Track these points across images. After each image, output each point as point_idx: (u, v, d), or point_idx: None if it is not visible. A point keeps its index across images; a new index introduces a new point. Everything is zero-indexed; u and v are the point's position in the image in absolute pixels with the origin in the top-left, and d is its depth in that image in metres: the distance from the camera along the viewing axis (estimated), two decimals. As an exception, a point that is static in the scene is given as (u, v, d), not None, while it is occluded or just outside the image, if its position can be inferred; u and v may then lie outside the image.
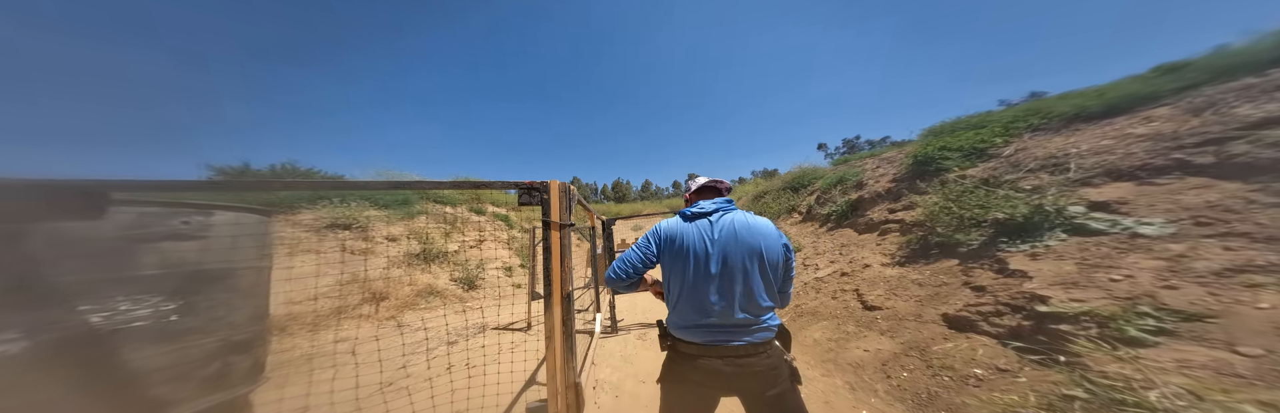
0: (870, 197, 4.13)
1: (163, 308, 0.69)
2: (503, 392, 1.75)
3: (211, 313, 0.77)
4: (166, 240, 0.72)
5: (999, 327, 1.68)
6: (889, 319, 2.20)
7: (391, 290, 3.52)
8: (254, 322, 0.86)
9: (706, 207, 0.81)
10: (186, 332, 0.73)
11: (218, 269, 0.79)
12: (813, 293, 3.05)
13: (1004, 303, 1.75)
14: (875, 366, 1.84)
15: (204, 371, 0.75)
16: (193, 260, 0.75)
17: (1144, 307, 1.36)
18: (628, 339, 2.77)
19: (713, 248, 0.73)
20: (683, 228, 0.78)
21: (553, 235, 1.01)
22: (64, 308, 0.59)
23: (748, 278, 0.72)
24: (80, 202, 0.58)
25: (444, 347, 2.65)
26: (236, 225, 0.83)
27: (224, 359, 0.78)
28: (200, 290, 0.76)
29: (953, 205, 2.70)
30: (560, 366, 0.92)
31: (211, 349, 0.76)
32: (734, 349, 0.68)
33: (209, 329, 0.76)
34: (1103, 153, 2.45)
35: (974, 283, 2.05)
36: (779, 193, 6.58)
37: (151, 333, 0.68)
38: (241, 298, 0.83)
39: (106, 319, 0.63)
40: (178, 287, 0.73)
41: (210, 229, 0.79)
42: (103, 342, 0.62)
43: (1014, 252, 2.05)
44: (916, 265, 2.62)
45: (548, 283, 0.97)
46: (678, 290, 0.76)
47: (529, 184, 1.01)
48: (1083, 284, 1.61)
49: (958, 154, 3.45)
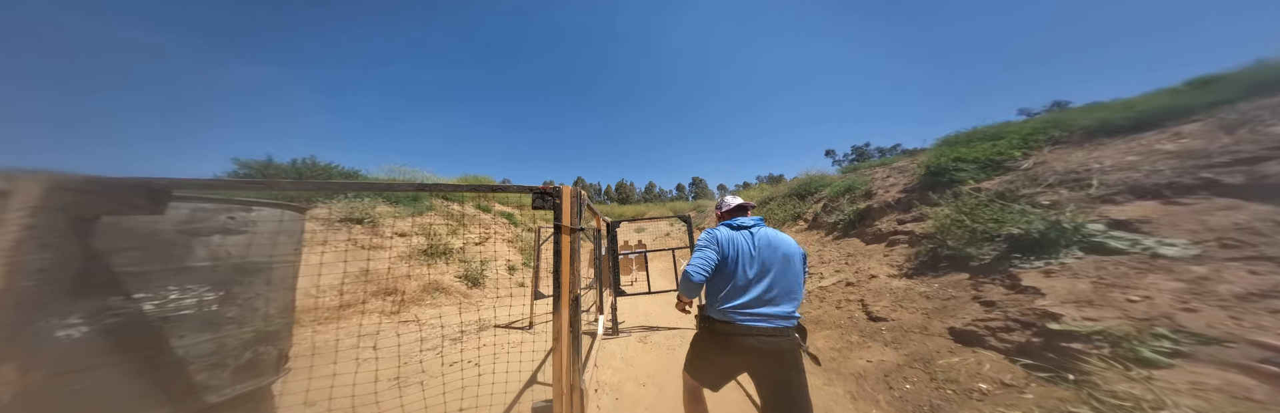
0: (879, 206, 4.09)
1: (206, 298, 0.76)
2: (505, 390, 1.79)
3: (249, 304, 0.84)
4: (215, 234, 0.79)
5: (1007, 342, 1.66)
6: (894, 331, 2.19)
7: (399, 286, 3.61)
8: (283, 314, 0.93)
9: (747, 222, 1.05)
10: (226, 321, 0.79)
11: (256, 263, 0.86)
12: (817, 302, 3.05)
13: (1014, 319, 1.74)
14: (877, 376, 1.84)
15: (238, 359, 0.81)
16: (235, 254, 0.82)
17: (1161, 328, 1.34)
18: (629, 342, 2.80)
19: (757, 254, 0.97)
20: (734, 236, 1.01)
21: (563, 239, 1.04)
22: (122, 296, 0.66)
23: (783, 278, 0.95)
24: (146, 198, 0.68)
25: (448, 343, 2.71)
26: (274, 221, 0.91)
27: (256, 349, 0.84)
28: (240, 282, 0.83)
29: (965, 218, 2.67)
30: (567, 367, 0.95)
31: (246, 339, 0.83)
32: (765, 330, 0.88)
33: (245, 320, 0.83)
34: (1127, 169, 2.40)
35: (984, 298, 2.03)
36: (785, 199, 6.53)
37: (196, 322, 0.75)
38: (275, 291, 0.91)
39: (158, 307, 0.70)
40: (221, 278, 0.79)
41: (252, 224, 0.86)
42: (154, 328, 0.69)
43: (1027, 268, 2.03)
44: (924, 278, 2.59)
45: (557, 286, 1.00)
46: (727, 285, 0.95)
47: (542, 189, 1.04)
48: (1098, 303, 1.58)
49: (973, 166, 3.40)
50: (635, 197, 49.54)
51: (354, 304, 3.17)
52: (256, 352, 0.85)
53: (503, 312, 3.57)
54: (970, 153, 3.53)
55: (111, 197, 0.63)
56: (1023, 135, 3.42)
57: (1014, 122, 4.14)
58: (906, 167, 4.86)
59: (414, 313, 3.39)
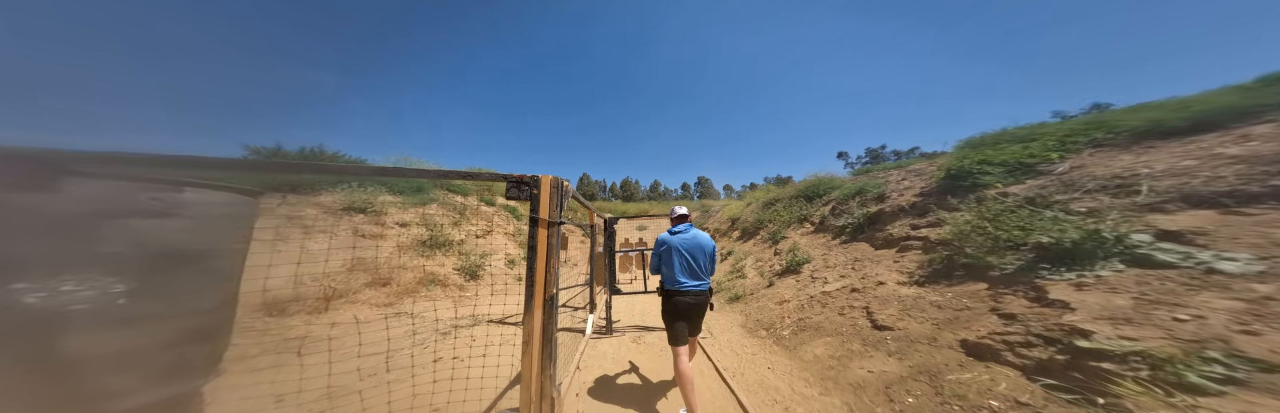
0: (892, 210, 3.87)
1: (112, 290, 0.64)
2: (487, 386, 1.74)
3: (171, 298, 0.72)
4: (132, 217, 0.67)
5: (1026, 359, 1.53)
6: (899, 340, 2.07)
7: (395, 276, 3.63)
8: (221, 309, 0.82)
9: (679, 228, 1.76)
10: (137, 318, 0.67)
11: (187, 250, 0.75)
12: (818, 307, 2.92)
13: (1037, 334, 1.59)
14: (878, 388, 1.74)
15: (154, 360, 0.69)
16: (158, 240, 0.70)
17: (1213, 352, 1.18)
18: (621, 341, 2.76)
19: (683, 248, 1.66)
20: (671, 238, 1.72)
21: (539, 233, 0.96)
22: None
23: (698, 262, 1.66)
24: (23, 173, 0.57)
25: (438, 337, 2.70)
26: (214, 205, 0.80)
27: (180, 349, 0.73)
28: (161, 273, 0.71)
29: (988, 225, 2.47)
30: (536, 375, 0.88)
31: (167, 338, 0.71)
32: (691, 292, 1.62)
33: (165, 315, 0.71)
34: (1181, 175, 2.15)
35: (1003, 310, 1.87)
36: (791, 201, 6.29)
37: (97, 317, 0.63)
38: (210, 283, 0.80)
39: (43, 301, 0.58)
40: (134, 268, 0.67)
41: (183, 207, 0.74)
42: (36, 325, 0.58)
43: (1056, 280, 1.85)
44: (937, 286, 2.43)
45: (530, 284, 0.93)
46: (669, 268, 1.67)
47: (518, 178, 0.96)
48: (1137, 321, 1.42)
49: (1000, 169, 3.13)
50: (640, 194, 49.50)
51: (346, 294, 3.20)
52: (180, 352, 0.74)
53: (498, 307, 3.56)
54: (997, 155, 3.26)
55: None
56: (1059, 137, 3.14)
57: (1049, 123, 3.82)
58: (924, 169, 4.60)
59: (408, 305, 3.40)
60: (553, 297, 0.96)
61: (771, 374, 2.14)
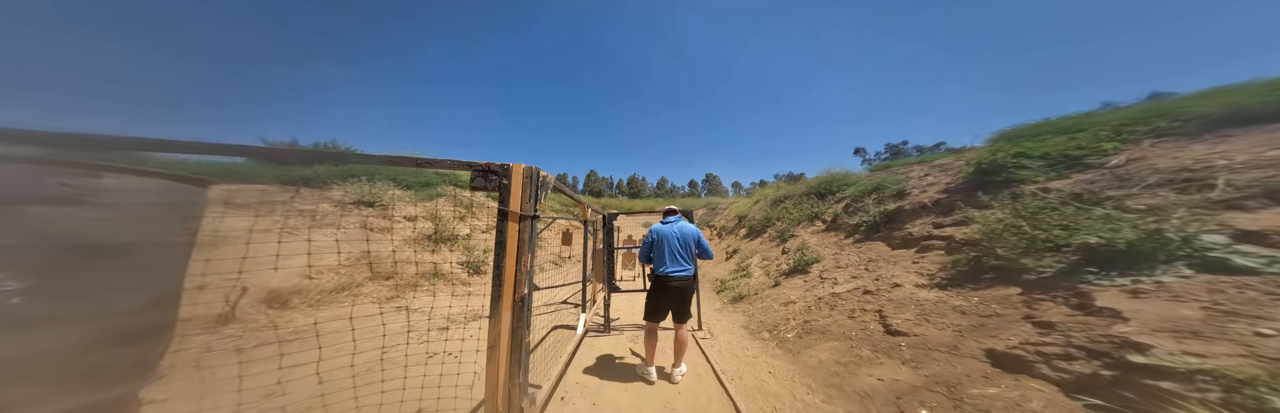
0: (912, 208, 3.60)
1: (5, 287, 0.56)
2: (473, 385, 1.70)
3: (85, 297, 0.65)
4: (34, 204, 0.60)
5: (1065, 373, 1.35)
6: (915, 348, 1.91)
7: (399, 270, 3.67)
8: (153, 309, 0.74)
9: (670, 220, 2.05)
10: (39, 319, 0.60)
11: (106, 244, 0.67)
12: (826, 309, 2.76)
13: (1080, 346, 1.41)
14: (888, 397, 1.60)
15: (63, 367, 0.61)
16: (68, 231, 0.63)
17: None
18: (619, 340, 2.69)
19: (671, 237, 1.95)
20: (663, 229, 2.00)
21: (509, 227, 0.86)
22: None
23: (685, 250, 1.95)
24: None
25: (434, 333, 2.71)
26: (145, 193, 0.72)
27: (100, 353, 0.65)
28: (73, 268, 0.63)
29: (1023, 224, 2.23)
30: (503, 383, 0.80)
31: (81, 341, 0.63)
32: (676, 277, 1.89)
33: (77, 317, 0.63)
34: (1267, 167, 1.86)
35: (1039, 318, 1.68)
36: (802, 198, 6.02)
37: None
38: (139, 280, 0.72)
39: None
40: (37, 262, 0.60)
41: (101, 194, 0.66)
42: None
43: (1106, 285, 1.64)
44: (961, 290, 2.23)
45: (497, 284, 0.84)
46: (658, 256, 1.94)
47: (485, 166, 0.85)
48: (1208, 335, 1.22)
49: (1040, 163, 2.82)
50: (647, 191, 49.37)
51: (350, 287, 3.26)
52: (100, 357, 0.65)
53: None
54: (1038, 147, 2.94)
55: None
56: (1114, 127, 2.80)
57: (1097, 112, 3.43)
58: (950, 164, 4.27)
59: (409, 299, 3.43)
60: (524, 298, 0.87)
61: (772, 379, 2.03)
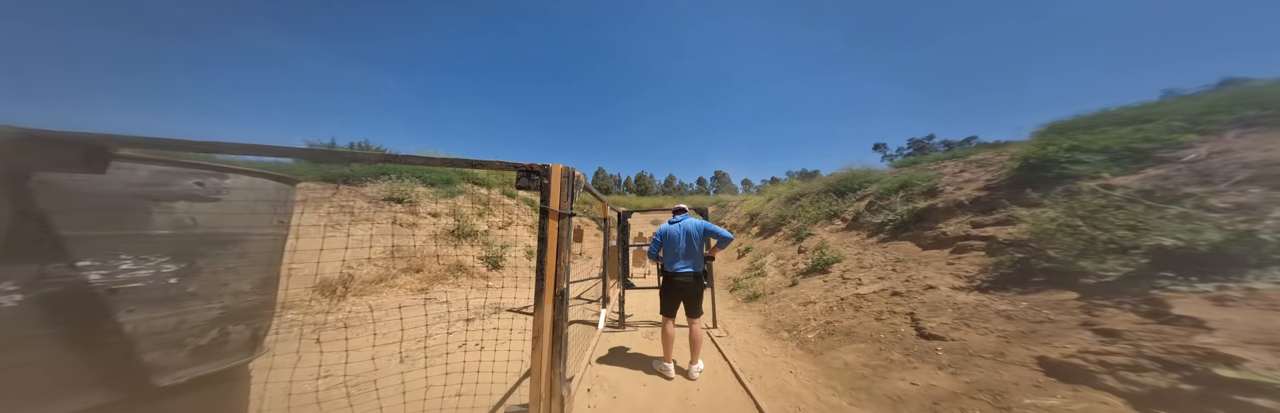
0: (946, 206, 3.39)
1: (164, 270, 0.69)
2: (506, 369, 1.82)
3: (216, 279, 0.78)
4: (179, 201, 0.73)
5: (1134, 385, 1.25)
6: (953, 353, 1.82)
7: (426, 264, 3.90)
8: (260, 291, 0.87)
9: (677, 218, 2.12)
10: (187, 296, 0.73)
11: (228, 234, 0.80)
12: (850, 310, 2.67)
13: (1152, 357, 1.29)
14: (923, 403, 1.54)
15: (200, 338, 0.75)
16: (203, 223, 0.76)
17: None
18: (634, 336, 2.73)
19: (678, 236, 2.02)
20: (671, 227, 2.08)
21: (550, 225, 0.89)
22: (63, 263, 0.61)
23: (692, 247, 2.01)
24: (80, 156, 0.61)
25: (462, 324, 2.85)
26: (254, 190, 0.85)
27: (223, 328, 0.78)
28: (207, 255, 0.76)
29: (1081, 223, 2.06)
30: (546, 371, 0.84)
31: (211, 317, 0.77)
32: (682, 274, 1.98)
33: (211, 296, 0.77)
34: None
35: (1100, 325, 1.56)
36: (819, 196, 5.81)
37: (151, 295, 0.69)
38: (251, 266, 0.84)
39: (105, 278, 0.64)
40: (184, 249, 0.73)
41: (225, 192, 0.79)
42: (99, 300, 0.64)
43: (1185, 291, 1.49)
44: (1006, 294, 2.09)
45: (540, 278, 0.88)
46: (668, 253, 2.04)
47: (529, 166, 0.89)
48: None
49: (1099, 157, 2.57)
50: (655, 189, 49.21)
51: (386, 279, 3.50)
52: (224, 331, 0.80)
53: (519, 295, 3.71)
54: (1097, 140, 2.67)
55: (40, 152, 0.58)
56: (1190, 116, 2.51)
57: (1166, 101, 3.07)
58: (989, 160, 3.96)
59: (437, 291, 3.65)
60: (563, 291, 0.91)
61: (793, 380, 2.00)
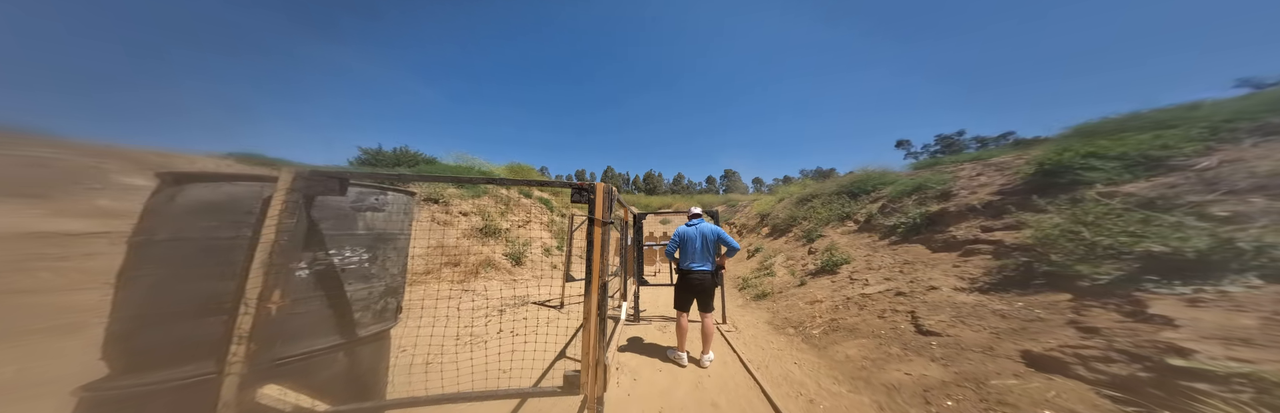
0: (958, 210, 3.48)
1: (362, 257, 1.10)
2: (541, 357, 2.16)
3: (383, 265, 1.17)
4: (367, 211, 1.13)
5: (1100, 373, 1.42)
6: (947, 347, 2.00)
7: (463, 259, 4.37)
8: (401, 274, 1.27)
9: (694, 222, 2.34)
10: (371, 276, 1.12)
11: (388, 233, 1.20)
12: (855, 309, 2.86)
13: (1121, 350, 1.46)
14: (914, 390, 1.74)
15: (375, 305, 1.14)
16: (377, 226, 1.15)
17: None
18: (649, 329, 3.01)
19: (695, 238, 2.24)
20: (688, 230, 2.30)
21: (595, 231, 1.19)
22: (322, 251, 1.01)
23: (706, 248, 2.24)
24: (337, 184, 1.01)
25: (496, 314, 3.25)
26: (398, 202, 1.24)
27: (385, 299, 1.18)
28: (379, 248, 1.15)
29: (1084, 229, 2.16)
30: (593, 344, 1.13)
31: (380, 290, 1.16)
32: (696, 272, 2.21)
33: (381, 276, 1.16)
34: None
35: (1084, 323, 1.71)
36: (831, 197, 5.89)
37: (356, 274, 1.08)
38: (398, 256, 1.24)
39: (340, 261, 1.05)
40: (370, 243, 1.13)
41: (386, 204, 1.19)
42: (336, 276, 1.03)
43: (1164, 293, 1.63)
44: (1005, 295, 2.24)
45: (589, 272, 1.17)
46: (685, 254, 2.27)
47: (580, 185, 1.19)
48: (1258, 343, 1.24)
49: (1114, 163, 2.60)
50: (663, 187, 49.19)
51: (432, 271, 3.99)
52: (385, 302, 1.20)
53: (539, 290, 4.09)
54: (1114, 146, 2.68)
55: (318, 182, 0.97)
56: (1214, 122, 2.50)
57: (1205, 101, 2.95)
58: (1008, 163, 3.98)
59: (473, 284, 4.10)
60: (605, 284, 1.21)
61: (798, 370, 2.22)
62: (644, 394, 1.86)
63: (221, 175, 0.94)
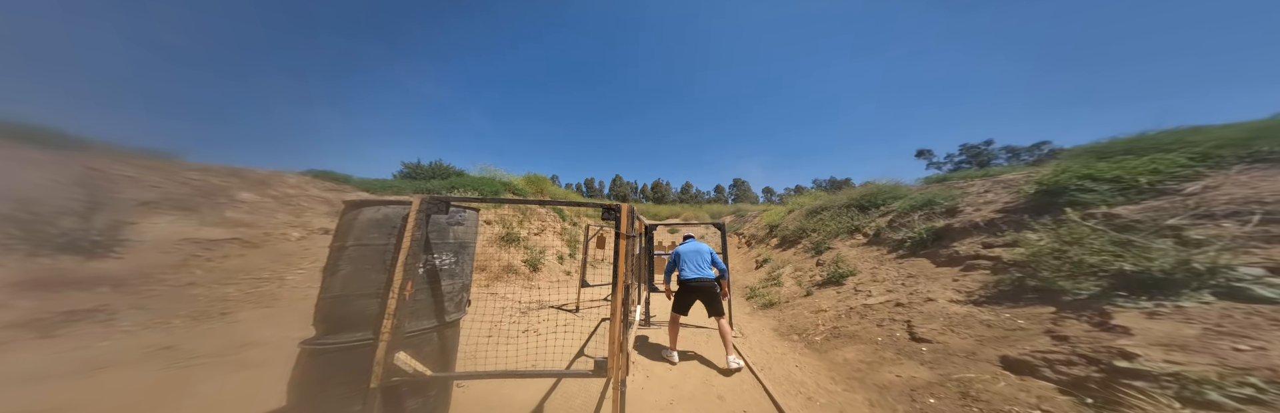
0: (963, 226, 3.67)
1: (448, 260, 1.49)
2: (563, 354, 2.54)
3: (460, 267, 1.55)
4: (454, 225, 1.54)
5: (1063, 375, 1.64)
6: (936, 353, 2.22)
7: (488, 264, 4.87)
8: (470, 274, 1.65)
9: (689, 242, 2.97)
10: (454, 275, 1.51)
11: (464, 242, 1.59)
12: (856, 318, 3.08)
13: (1081, 354, 1.68)
14: (903, 389, 1.95)
15: (456, 298, 1.52)
16: (457, 236, 1.55)
17: (1254, 378, 1.24)
18: (660, 332, 3.32)
19: (691, 252, 2.83)
20: (684, 248, 2.89)
21: (620, 244, 1.58)
22: (430, 255, 1.41)
23: (701, 263, 2.76)
24: (444, 205, 1.43)
25: (519, 315, 3.67)
26: (469, 217, 1.64)
27: (461, 294, 1.56)
28: (459, 253, 1.54)
29: (1069, 249, 2.36)
30: (618, 335, 1.50)
31: (459, 287, 1.54)
32: (696, 279, 2.65)
33: (460, 275, 1.55)
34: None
35: (1058, 332, 1.94)
36: (841, 210, 6.07)
37: (447, 273, 1.47)
38: (469, 260, 1.62)
39: (439, 262, 1.45)
40: (454, 250, 1.52)
41: (465, 220, 1.60)
42: (436, 273, 1.44)
43: (1128, 307, 1.85)
44: (996, 307, 2.45)
45: (614, 276, 1.56)
46: (683, 268, 2.77)
47: (609, 205, 1.61)
48: (1193, 349, 1.46)
49: (1108, 186, 2.76)
50: (671, 197, 49.41)
51: None
52: (461, 296, 1.62)
53: (555, 295, 4.50)
54: (1109, 170, 2.84)
55: (434, 204, 1.42)
56: (1207, 148, 2.64)
57: (1210, 127, 3.06)
58: (1015, 181, 4.14)
59: (496, 287, 4.57)
60: (627, 286, 1.59)
61: (798, 371, 2.47)
62: (656, 387, 2.17)
63: (382, 201, 1.40)
